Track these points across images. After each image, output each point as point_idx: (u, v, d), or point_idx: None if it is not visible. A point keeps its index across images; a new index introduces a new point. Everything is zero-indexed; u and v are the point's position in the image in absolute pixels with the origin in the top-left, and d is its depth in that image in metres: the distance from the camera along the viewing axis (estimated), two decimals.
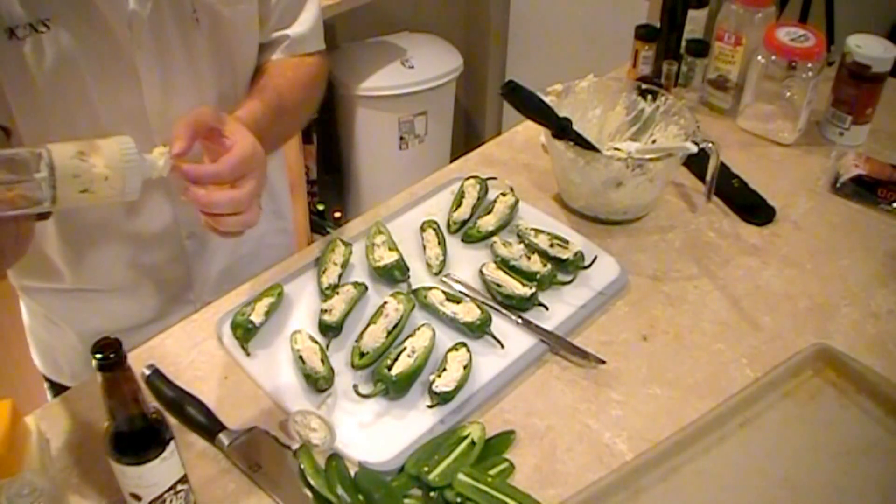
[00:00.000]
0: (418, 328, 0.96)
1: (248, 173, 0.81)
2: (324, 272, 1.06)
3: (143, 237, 1.05)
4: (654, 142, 1.22)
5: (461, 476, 0.81)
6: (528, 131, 1.39)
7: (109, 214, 1.01)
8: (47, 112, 0.88)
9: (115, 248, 1.04)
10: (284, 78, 1.04)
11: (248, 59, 1.04)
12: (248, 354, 0.96)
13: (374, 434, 0.88)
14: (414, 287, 1.05)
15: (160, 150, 0.77)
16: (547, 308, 1.02)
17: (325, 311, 0.98)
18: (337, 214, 2.66)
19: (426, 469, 0.82)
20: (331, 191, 2.71)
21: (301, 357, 0.92)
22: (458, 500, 0.80)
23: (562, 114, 1.12)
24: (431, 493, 0.81)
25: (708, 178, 1.17)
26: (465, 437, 0.86)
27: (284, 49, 1.06)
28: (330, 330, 0.97)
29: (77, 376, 1.14)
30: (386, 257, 1.06)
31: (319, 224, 2.55)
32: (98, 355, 0.64)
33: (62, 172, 0.68)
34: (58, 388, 1.17)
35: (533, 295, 1.01)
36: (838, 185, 1.25)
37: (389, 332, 0.96)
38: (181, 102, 0.96)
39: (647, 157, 1.13)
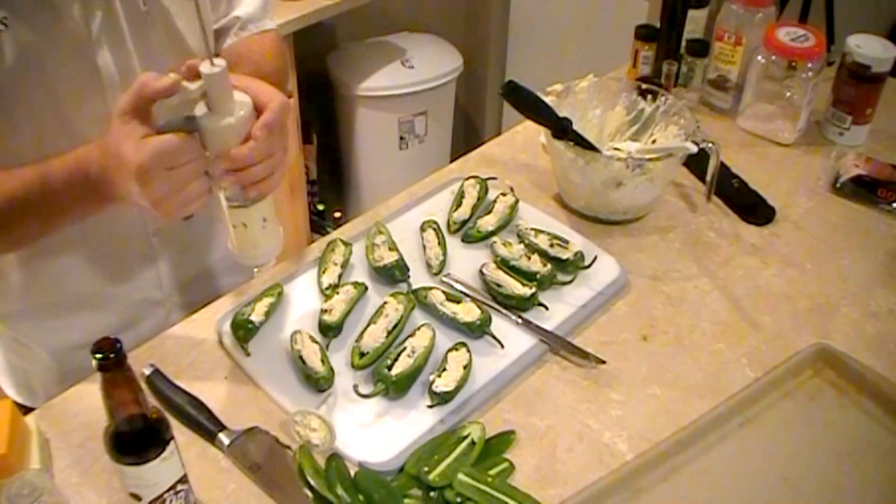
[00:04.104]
0: (418, 328, 0.96)
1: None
2: (324, 272, 1.06)
3: (110, 238, 1.03)
4: (654, 142, 1.22)
5: (461, 476, 0.81)
6: (528, 131, 1.39)
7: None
8: (13, 112, 0.87)
9: (82, 253, 1.02)
10: (251, 52, 1.04)
11: (203, 49, 1.03)
12: (248, 354, 0.96)
13: (374, 434, 0.88)
14: (414, 287, 1.05)
15: None
16: (547, 308, 1.02)
17: (325, 311, 0.98)
18: (337, 214, 2.66)
19: (426, 469, 0.82)
20: (331, 191, 2.71)
21: (301, 357, 0.92)
22: (458, 500, 0.80)
23: (562, 114, 1.12)
24: (431, 493, 0.81)
25: (708, 178, 1.17)
26: (465, 437, 0.86)
27: (238, 31, 1.06)
28: (330, 330, 0.97)
29: (52, 397, 1.11)
30: (386, 257, 1.06)
31: (319, 224, 2.55)
32: (98, 355, 0.64)
33: None
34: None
35: (533, 295, 1.01)
36: (838, 185, 1.25)
37: (389, 332, 0.96)
38: None
39: (647, 157, 1.13)
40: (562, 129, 1.12)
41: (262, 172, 0.80)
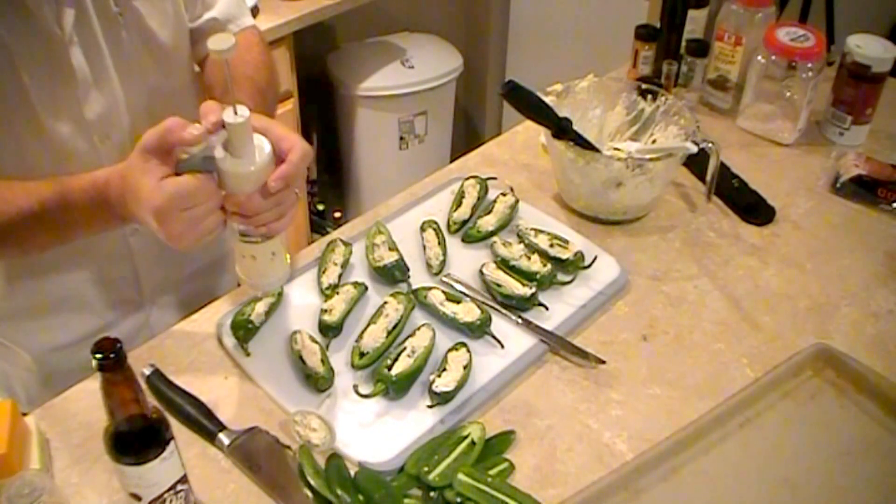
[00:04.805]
0: (418, 328, 0.97)
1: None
2: (324, 272, 1.06)
3: (87, 238, 1.01)
4: (654, 142, 1.22)
5: (461, 476, 0.81)
6: (528, 131, 1.39)
7: None
8: None
9: (59, 254, 1.01)
10: (245, 64, 1.04)
11: (176, 48, 1.03)
12: (248, 354, 0.96)
13: (374, 434, 0.88)
14: (414, 287, 1.05)
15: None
16: (547, 308, 1.02)
17: (325, 311, 0.98)
18: (337, 214, 2.66)
19: (426, 469, 0.82)
20: (331, 191, 2.71)
21: (301, 357, 0.92)
22: (458, 500, 0.80)
23: (562, 114, 1.12)
24: (431, 493, 0.81)
25: (708, 178, 1.17)
26: (465, 437, 0.86)
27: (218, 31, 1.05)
28: (330, 330, 0.97)
29: (33, 401, 1.07)
30: (386, 257, 1.06)
31: (319, 224, 2.55)
32: (98, 355, 0.64)
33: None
34: None
35: (533, 295, 1.01)
36: (838, 185, 1.25)
37: (389, 332, 0.96)
38: (115, 99, 0.96)
39: (647, 157, 1.13)
40: (562, 129, 1.12)
41: (273, 217, 0.81)
